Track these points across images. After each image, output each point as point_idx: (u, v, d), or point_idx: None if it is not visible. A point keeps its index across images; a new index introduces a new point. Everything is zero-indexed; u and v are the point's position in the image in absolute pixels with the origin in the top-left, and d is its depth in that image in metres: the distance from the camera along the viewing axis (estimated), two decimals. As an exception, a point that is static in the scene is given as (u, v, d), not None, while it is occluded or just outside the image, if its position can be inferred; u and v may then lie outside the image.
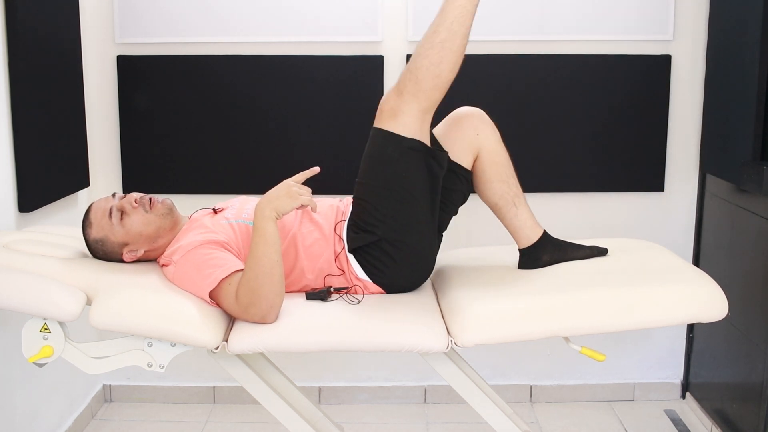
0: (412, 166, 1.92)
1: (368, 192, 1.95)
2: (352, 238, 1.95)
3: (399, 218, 1.93)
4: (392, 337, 1.75)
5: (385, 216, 1.92)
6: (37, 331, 1.73)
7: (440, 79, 1.89)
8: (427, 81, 1.88)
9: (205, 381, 3.15)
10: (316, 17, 2.92)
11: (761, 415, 2.47)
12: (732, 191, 2.74)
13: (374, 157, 1.95)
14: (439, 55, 1.88)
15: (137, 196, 1.96)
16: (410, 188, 1.93)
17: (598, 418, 3.05)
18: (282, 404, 1.84)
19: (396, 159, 1.91)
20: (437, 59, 1.88)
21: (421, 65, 1.88)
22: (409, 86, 1.89)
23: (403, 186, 1.92)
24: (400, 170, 1.92)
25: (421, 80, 1.88)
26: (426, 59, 1.88)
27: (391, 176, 1.92)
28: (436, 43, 1.88)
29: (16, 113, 2.33)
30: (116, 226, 1.92)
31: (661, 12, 2.91)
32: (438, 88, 1.90)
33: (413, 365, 3.11)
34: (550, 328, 1.76)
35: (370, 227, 1.93)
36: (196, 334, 1.70)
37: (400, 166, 1.91)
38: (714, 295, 1.79)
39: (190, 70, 2.93)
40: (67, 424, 2.80)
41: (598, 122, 2.97)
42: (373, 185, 1.94)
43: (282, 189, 1.82)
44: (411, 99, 1.89)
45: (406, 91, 1.90)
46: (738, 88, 2.61)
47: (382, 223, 1.93)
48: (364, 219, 1.95)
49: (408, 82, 1.90)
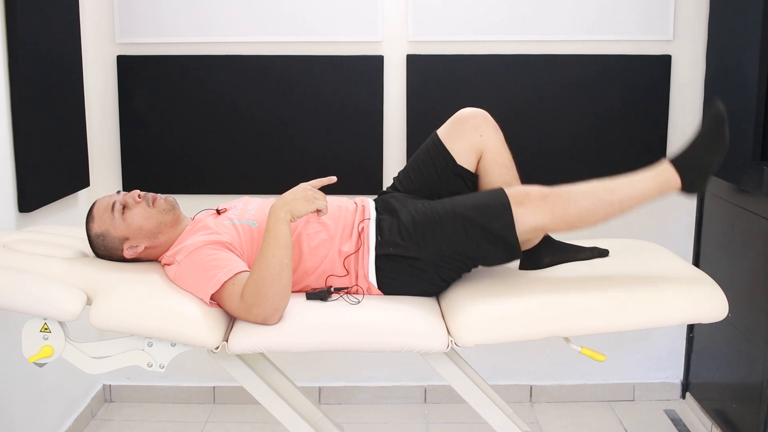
0: (496, 250, 1.92)
1: (451, 222, 1.92)
2: (396, 244, 1.93)
3: (450, 261, 1.93)
4: (392, 337, 1.75)
5: (443, 250, 1.91)
6: (37, 331, 1.73)
7: (578, 223, 1.90)
8: (571, 215, 1.88)
9: (205, 381, 3.15)
10: (316, 17, 2.92)
11: (761, 415, 2.47)
12: (732, 191, 2.74)
13: (482, 209, 1.92)
14: (596, 209, 1.89)
15: (141, 192, 1.97)
16: (478, 258, 1.96)
17: (598, 418, 3.05)
18: (282, 404, 1.84)
19: (493, 233, 1.90)
20: (593, 211, 1.89)
21: (579, 201, 1.88)
22: (557, 203, 1.89)
23: (476, 252, 1.93)
24: (487, 244, 1.91)
25: (568, 210, 1.88)
26: (586, 202, 1.89)
27: (477, 236, 1.91)
28: (602, 200, 1.88)
29: (16, 113, 2.33)
30: (117, 220, 1.92)
31: (661, 12, 2.91)
32: (568, 227, 1.91)
33: (413, 365, 3.11)
34: (550, 328, 1.76)
35: (422, 243, 1.92)
36: (196, 334, 1.70)
37: (490, 241, 1.90)
38: (714, 295, 1.79)
39: (190, 70, 2.93)
40: (67, 424, 2.80)
41: (599, 122, 2.97)
42: (459, 223, 1.92)
43: (299, 192, 1.82)
44: (548, 212, 1.89)
45: (551, 203, 1.89)
46: (738, 88, 2.61)
47: (436, 250, 1.92)
48: (423, 233, 1.93)
49: (558, 200, 1.89)
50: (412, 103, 2.94)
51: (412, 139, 2.94)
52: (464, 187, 2.09)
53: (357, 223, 1.98)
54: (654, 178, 1.90)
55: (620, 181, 1.91)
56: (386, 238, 1.95)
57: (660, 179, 1.89)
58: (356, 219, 2.00)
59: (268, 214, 1.80)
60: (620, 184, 1.90)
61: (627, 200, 1.89)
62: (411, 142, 2.94)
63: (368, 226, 1.97)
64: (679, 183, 1.89)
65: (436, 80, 2.93)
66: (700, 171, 1.89)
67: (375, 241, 1.95)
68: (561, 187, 1.92)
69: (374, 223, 1.98)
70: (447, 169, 2.09)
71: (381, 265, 1.94)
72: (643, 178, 1.90)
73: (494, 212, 1.90)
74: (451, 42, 2.93)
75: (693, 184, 1.90)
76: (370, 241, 1.95)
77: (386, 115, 2.97)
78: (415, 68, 2.93)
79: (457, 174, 2.08)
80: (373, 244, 1.95)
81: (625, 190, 1.89)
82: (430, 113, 2.78)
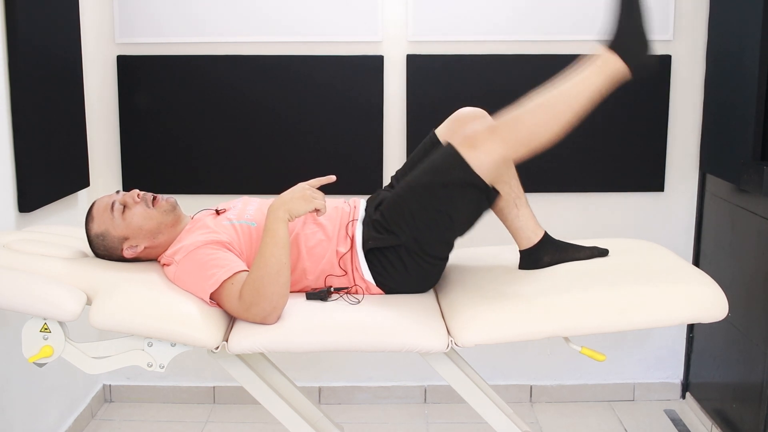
0: (466, 197, 1.90)
1: (412, 196, 1.93)
2: (373, 237, 1.94)
3: (429, 232, 1.92)
4: (392, 337, 1.75)
5: (417, 225, 1.91)
6: (37, 331, 1.73)
7: (535, 141, 1.86)
8: (524, 136, 1.86)
9: (205, 381, 3.15)
10: (316, 17, 2.92)
11: (761, 415, 2.47)
12: (732, 191, 2.74)
13: (436, 170, 1.91)
14: (547, 121, 1.86)
15: (140, 192, 1.97)
16: (453, 213, 1.92)
17: (598, 418, 3.05)
18: (282, 404, 1.84)
19: (455, 184, 1.88)
20: (544, 124, 1.86)
21: (526, 120, 1.86)
22: (505, 130, 1.86)
23: (449, 208, 1.91)
24: (454, 195, 1.90)
25: (520, 132, 1.85)
26: (535, 118, 1.86)
27: (442, 194, 1.90)
28: (551, 110, 1.85)
29: (16, 113, 2.33)
30: (117, 219, 1.92)
31: (661, 12, 2.91)
32: (528, 148, 1.87)
33: (413, 365, 3.11)
34: (550, 328, 1.76)
35: (396, 229, 1.92)
36: (196, 334, 1.70)
37: (456, 192, 1.89)
38: (714, 295, 1.79)
39: (190, 70, 2.93)
40: (67, 424, 2.80)
41: (598, 122, 2.96)
42: (420, 193, 1.92)
43: (297, 191, 1.82)
44: (500, 143, 1.86)
45: (500, 132, 1.86)
46: (738, 88, 2.61)
47: (410, 230, 1.91)
48: (394, 219, 1.93)
49: (505, 127, 1.87)
50: (412, 103, 2.94)
51: (412, 138, 2.94)
52: None
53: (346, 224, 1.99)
54: (598, 71, 1.85)
55: (564, 87, 1.86)
56: (365, 235, 1.96)
57: (605, 69, 1.84)
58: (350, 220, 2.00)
59: (267, 214, 1.81)
60: (565, 90, 1.85)
61: (577, 103, 1.84)
62: (411, 142, 2.94)
63: (355, 225, 1.99)
64: (624, 65, 1.84)
65: (436, 80, 2.93)
66: (637, 43, 1.84)
67: (361, 239, 1.96)
68: (507, 113, 1.88)
69: (361, 222, 1.99)
70: None
71: (371, 260, 1.94)
72: (587, 75, 1.85)
73: (448, 167, 1.89)
74: (451, 42, 2.93)
75: (638, 59, 1.85)
76: (357, 240, 1.96)
77: (386, 114, 2.97)
78: (415, 68, 2.93)
79: None
80: (359, 242, 1.96)
81: (572, 94, 1.85)
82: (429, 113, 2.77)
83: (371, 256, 1.95)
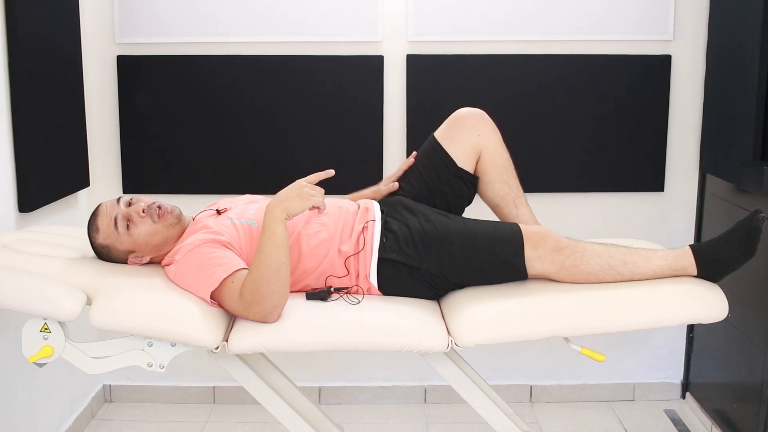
0: (505, 272, 1.91)
1: (461, 239, 1.92)
2: (400, 251, 1.92)
3: (455, 275, 1.92)
4: (392, 337, 1.75)
5: (450, 264, 1.91)
6: (37, 331, 1.73)
7: (580, 279, 1.87)
8: (577, 272, 1.87)
9: (205, 381, 3.15)
10: (316, 17, 2.92)
11: (761, 415, 2.47)
12: (732, 191, 2.74)
13: (496, 238, 1.91)
14: (603, 275, 1.87)
15: (144, 206, 1.94)
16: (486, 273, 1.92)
17: (598, 418, 3.05)
18: (282, 404, 1.84)
19: (503, 259, 1.89)
20: (598, 273, 1.87)
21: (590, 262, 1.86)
22: (568, 258, 1.87)
23: (485, 267, 1.91)
24: (497, 264, 1.90)
25: (577, 268, 1.86)
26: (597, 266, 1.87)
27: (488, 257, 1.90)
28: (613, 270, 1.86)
29: (16, 113, 2.33)
30: (123, 236, 1.92)
31: (661, 12, 2.91)
32: (569, 280, 1.88)
33: (413, 365, 3.11)
34: (550, 328, 1.76)
35: (426, 255, 1.91)
36: (196, 334, 1.70)
37: (499, 263, 1.90)
38: (714, 295, 1.79)
39: (190, 70, 2.93)
40: (67, 424, 2.80)
41: (599, 122, 2.97)
42: (470, 243, 1.91)
43: (294, 189, 1.81)
44: (557, 264, 1.87)
45: (563, 255, 1.87)
46: (738, 88, 2.61)
47: (441, 263, 1.91)
48: (431, 245, 1.92)
49: (571, 256, 1.87)
50: (412, 103, 2.94)
51: (412, 138, 2.94)
52: (465, 189, 2.11)
53: (359, 223, 1.98)
54: (672, 262, 1.86)
55: (637, 256, 1.87)
56: (391, 243, 1.94)
57: (677, 265, 1.86)
58: (357, 220, 1.99)
59: (264, 213, 1.80)
60: (636, 259, 1.87)
61: (638, 275, 1.86)
62: (411, 142, 2.94)
63: (373, 227, 1.97)
64: (695, 272, 1.86)
65: (436, 80, 2.93)
66: (719, 267, 1.85)
67: (379, 244, 1.94)
68: (578, 242, 1.89)
69: (380, 224, 1.98)
70: (448, 172, 2.09)
71: (381, 267, 1.93)
72: (661, 259, 1.86)
73: (507, 243, 1.90)
74: (451, 42, 2.93)
75: (708, 276, 1.86)
76: (374, 243, 1.94)
77: (386, 114, 2.97)
78: (415, 68, 2.93)
79: (458, 176, 2.08)
80: (377, 246, 1.94)
81: (639, 266, 1.86)
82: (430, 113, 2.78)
83: (384, 263, 1.93)
